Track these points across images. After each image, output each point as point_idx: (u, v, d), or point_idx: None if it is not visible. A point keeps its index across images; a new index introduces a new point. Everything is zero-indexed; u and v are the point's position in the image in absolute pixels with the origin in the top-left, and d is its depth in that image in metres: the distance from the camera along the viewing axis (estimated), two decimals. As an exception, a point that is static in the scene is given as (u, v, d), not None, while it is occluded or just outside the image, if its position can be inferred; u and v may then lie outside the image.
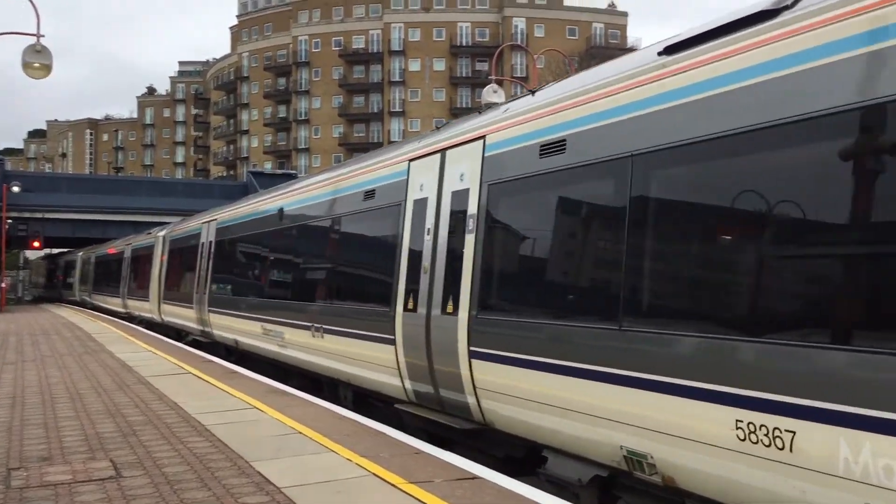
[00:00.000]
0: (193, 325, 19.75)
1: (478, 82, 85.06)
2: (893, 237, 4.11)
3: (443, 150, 8.65)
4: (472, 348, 7.45)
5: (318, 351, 11.32)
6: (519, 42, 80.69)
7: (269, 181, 43.87)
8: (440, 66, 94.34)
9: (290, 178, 28.58)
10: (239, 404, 9.88)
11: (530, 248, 7.42)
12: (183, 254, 21.82)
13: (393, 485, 5.98)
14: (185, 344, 19.57)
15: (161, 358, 15.58)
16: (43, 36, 21.57)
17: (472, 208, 7.77)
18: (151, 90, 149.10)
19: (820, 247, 4.61)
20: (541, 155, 6.88)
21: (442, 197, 8.45)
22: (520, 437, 7.13)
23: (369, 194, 10.31)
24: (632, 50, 7.96)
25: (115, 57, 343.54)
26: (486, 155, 7.73)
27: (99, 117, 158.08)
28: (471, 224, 7.75)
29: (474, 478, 6.19)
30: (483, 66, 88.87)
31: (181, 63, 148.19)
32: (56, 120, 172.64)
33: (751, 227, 5.04)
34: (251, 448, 7.30)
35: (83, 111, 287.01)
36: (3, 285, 46.18)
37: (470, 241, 7.74)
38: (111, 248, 37.42)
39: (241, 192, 47.73)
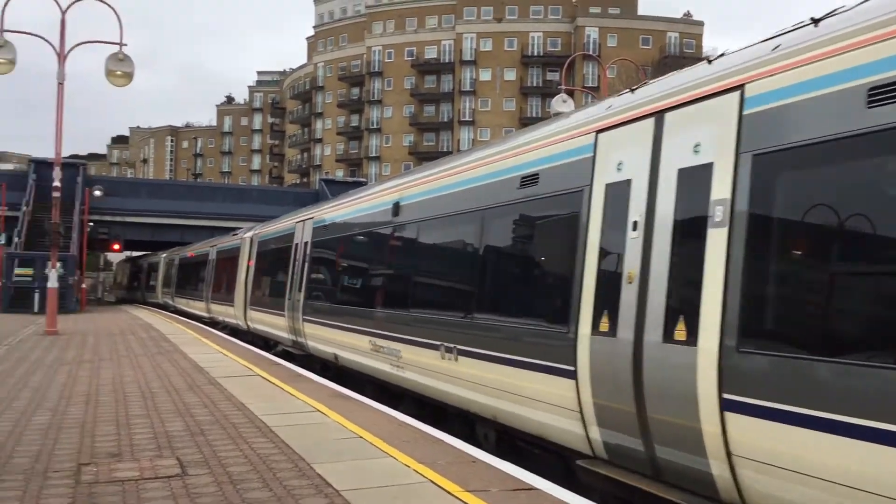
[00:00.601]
0: (284, 334, 17.90)
1: (548, 92, 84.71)
2: None
3: (659, 113, 6.34)
4: (725, 395, 5.26)
5: (448, 377, 9.27)
6: (591, 52, 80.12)
7: (340, 188, 44.50)
8: (511, 75, 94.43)
9: (361, 185, 28.39)
10: (303, 407, 10.04)
11: (867, 253, 4.75)
12: (273, 256, 20.19)
13: (449, 492, 6.00)
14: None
15: (232, 360, 15.93)
16: (125, 45, 22.45)
17: (721, 191, 5.56)
18: (230, 99, 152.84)
19: None
20: (870, 102, 4.58)
21: (659, 177, 6.17)
22: None
23: (528, 180, 8.09)
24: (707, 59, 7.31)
25: (197, 67, 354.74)
26: (745, 113, 5.52)
27: (180, 125, 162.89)
28: (718, 213, 5.56)
29: (531, 489, 6.16)
30: (554, 76, 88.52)
31: (259, 73, 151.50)
32: (139, 127, 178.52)
33: None
34: (313, 450, 7.41)
35: (165, 118, 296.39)
36: (84, 286, 47.86)
37: (718, 238, 5.52)
38: (195, 250, 36.71)
39: (313, 198, 48.56)
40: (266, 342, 20.74)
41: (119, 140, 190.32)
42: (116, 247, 53.74)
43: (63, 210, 33.58)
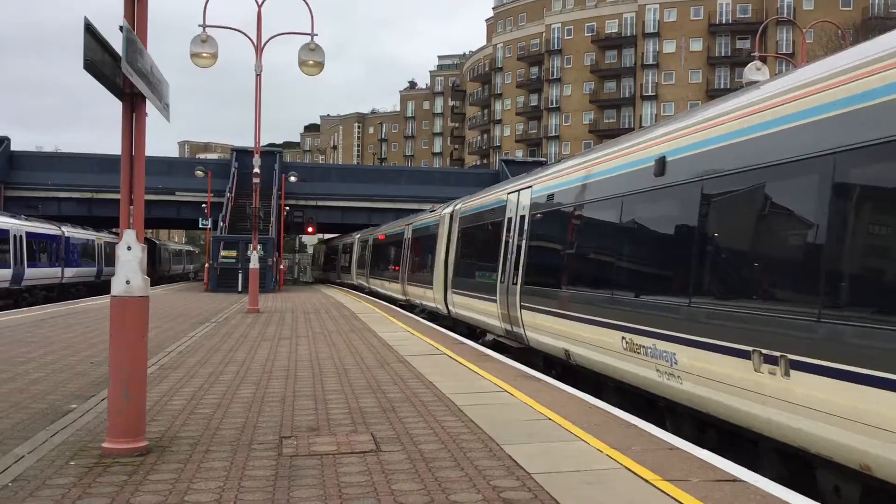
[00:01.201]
0: (495, 322, 15.59)
1: (737, 62, 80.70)
2: None
3: None
4: None
5: (766, 397, 6.56)
6: (786, 16, 75.18)
7: (519, 168, 44.50)
8: (697, 46, 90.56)
9: (541, 165, 27.50)
10: (490, 387, 10.02)
11: None
12: (479, 232, 18.18)
13: (645, 480, 5.73)
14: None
15: (418, 338, 16.25)
16: (316, 35, 23.35)
17: None
18: (413, 84, 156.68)
19: None
20: None
21: None
22: None
23: None
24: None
25: (382, 55, 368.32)
26: None
27: (366, 111, 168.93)
28: None
29: (735, 480, 5.77)
30: (744, 45, 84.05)
31: (440, 57, 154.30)
32: (328, 115, 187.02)
33: None
34: (502, 431, 7.34)
35: (353, 107, 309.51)
36: (282, 267, 50.72)
37: None
38: (389, 229, 35.24)
39: (493, 179, 48.85)
40: (471, 330, 18.53)
41: (311, 128, 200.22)
42: (310, 229, 56.49)
43: (262, 195, 35.65)
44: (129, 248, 6.46)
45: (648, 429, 7.53)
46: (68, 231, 43.08)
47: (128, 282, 6.42)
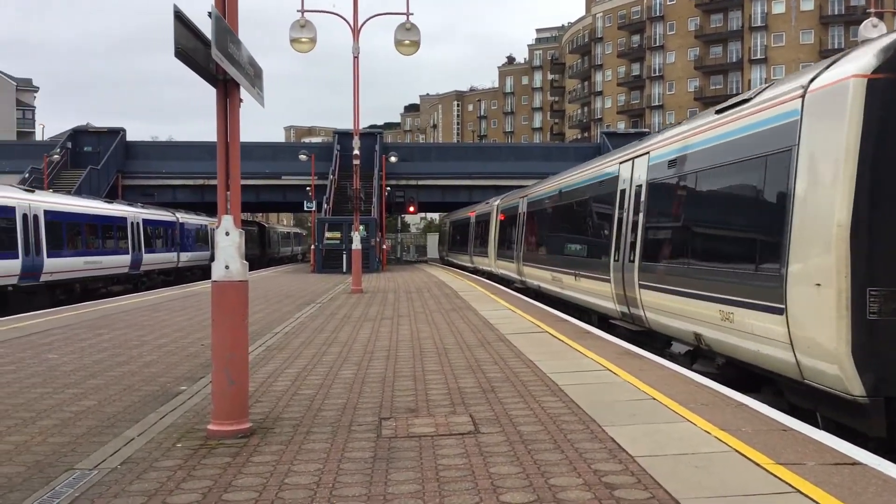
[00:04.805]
0: None
1: (852, 20, 76.66)
2: None
3: None
4: None
5: None
6: (906, -33, 70.69)
7: (621, 141, 43.46)
8: (808, 5, 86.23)
9: (643, 136, 24.83)
10: (592, 365, 9.80)
11: None
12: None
13: (757, 464, 5.44)
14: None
15: (519, 316, 16.10)
16: (412, 14, 23.41)
17: None
18: (511, 59, 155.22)
19: None
20: None
21: None
22: None
23: None
24: None
25: (483, 33, 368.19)
26: None
27: (465, 89, 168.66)
28: None
29: (855, 463, 5.42)
30: (858, 1, 79.57)
31: (538, 31, 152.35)
32: (427, 94, 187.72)
33: None
34: (603, 411, 7.15)
35: (454, 85, 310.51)
36: (385, 247, 51.32)
37: None
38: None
39: (595, 152, 47.98)
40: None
41: (411, 108, 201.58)
42: (411, 209, 56.92)
43: (363, 176, 36.07)
44: (227, 234, 6.54)
45: (760, 408, 7.18)
46: (182, 217, 44.73)
47: (227, 267, 6.51)
